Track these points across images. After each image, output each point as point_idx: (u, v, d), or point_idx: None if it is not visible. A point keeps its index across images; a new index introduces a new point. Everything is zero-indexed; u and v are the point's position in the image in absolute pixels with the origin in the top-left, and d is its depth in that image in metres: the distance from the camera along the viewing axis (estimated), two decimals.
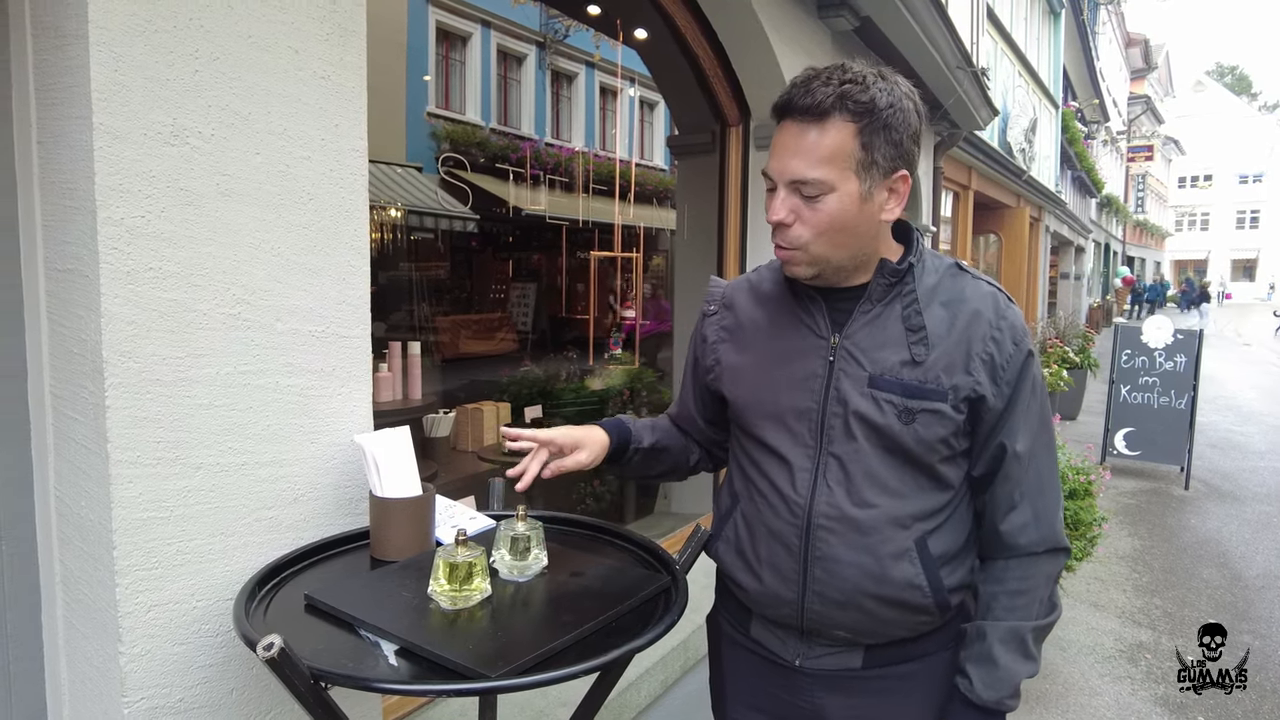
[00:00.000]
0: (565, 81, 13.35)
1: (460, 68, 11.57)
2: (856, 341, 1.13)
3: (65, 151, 1.17)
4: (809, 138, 1.05)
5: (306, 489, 1.42)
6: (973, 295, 1.13)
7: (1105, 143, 23.60)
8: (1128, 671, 3.32)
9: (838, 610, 1.15)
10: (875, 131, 1.04)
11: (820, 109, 1.03)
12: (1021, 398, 1.12)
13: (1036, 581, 1.16)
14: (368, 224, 1.50)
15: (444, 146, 10.69)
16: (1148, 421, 6.55)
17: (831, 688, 1.19)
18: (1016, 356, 1.11)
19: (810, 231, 1.08)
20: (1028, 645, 1.14)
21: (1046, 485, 1.17)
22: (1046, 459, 1.17)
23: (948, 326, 1.11)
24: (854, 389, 1.12)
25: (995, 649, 1.13)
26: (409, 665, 0.99)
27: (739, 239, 3.76)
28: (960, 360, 1.10)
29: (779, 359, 1.19)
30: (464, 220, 10.16)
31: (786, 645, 1.22)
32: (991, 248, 13.37)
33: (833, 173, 1.04)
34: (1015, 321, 1.13)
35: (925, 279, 1.15)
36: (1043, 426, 1.17)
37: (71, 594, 1.31)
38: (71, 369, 1.22)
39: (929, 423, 1.09)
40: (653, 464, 1.37)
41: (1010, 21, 11.07)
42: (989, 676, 1.13)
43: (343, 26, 1.43)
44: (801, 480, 1.15)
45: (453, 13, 11.24)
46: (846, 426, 1.12)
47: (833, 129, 1.04)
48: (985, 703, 1.13)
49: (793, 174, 1.06)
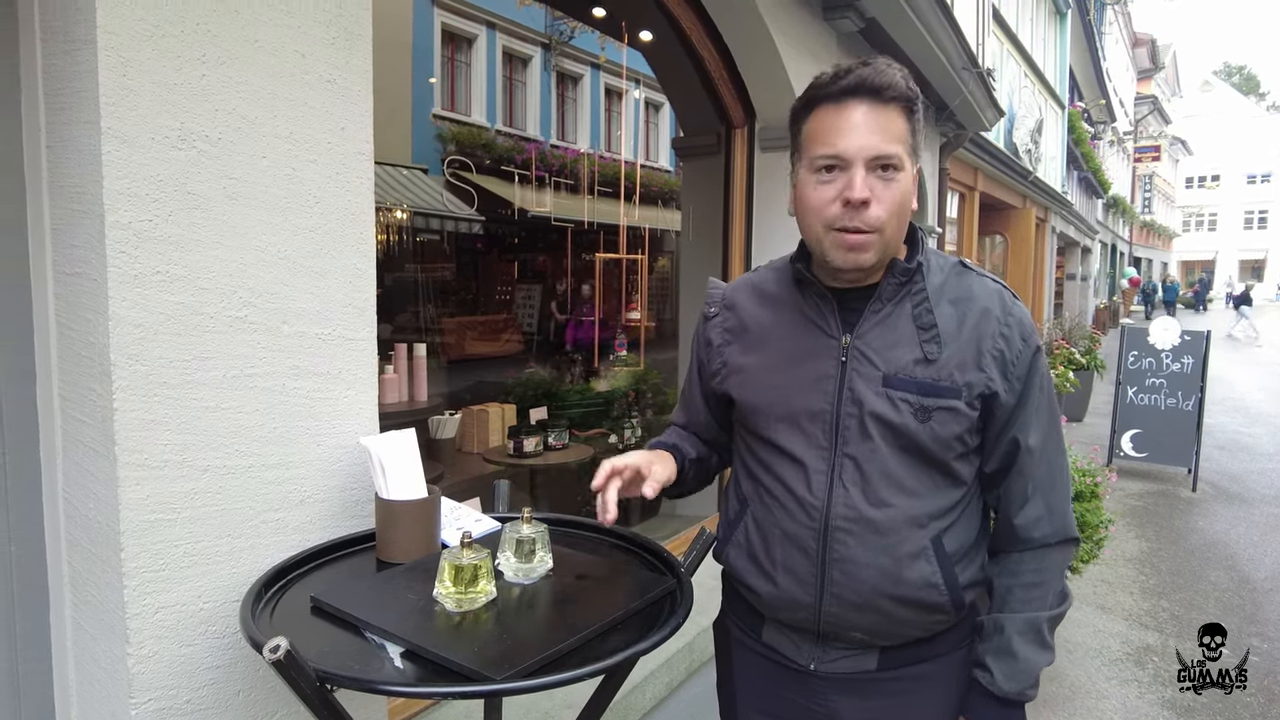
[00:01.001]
0: (570, 83, 13.37)
1: (466, 69, 11.60)
2: (869, 341, 1.13)
3: (73, 156, 1.18)
4: (883, 116, 1.07)
5: (313, 491, 1.42)
6: (980, 293, 1.14)
7: (1112, 143, 23.52)
8: (1134, 674, 3.30)
9: (855, 612, 1.14)
10: (916, 120, 1.11)
11: (891, 91, 1.07)
12: (1032, 393, 1.14)
13: (1050, 573, 1.17)
14: (373, 227, 1.51)
15: (449, 148, 10.72)
16: (1155, 423, 6.52)
17: (846, 691, 1.19)
18: (1025, 352, 1.12)
19: (886, 211, 1.07)
20: (1044, 635, 1.16)
21: (1057, 478, 1.18)
22: (1056, 452, 1.19)
23: (957, 324, 1.12)
24: (869, 389, 1.12)
25: (1014, 641, 1.14)
26: (414, 667, 0.99)
27: (744, 240, 3.76)
28: (972, 357, 1.11)
29: (789, 360, 1.18)
30: (469, 222, 10.18)
31: (801, 649, 1.21)
32: (997, 248, 13.33)
33: (903, 151, 1.08)
34: (1022, 318, 1.14)
35: (932, 277, 1.15)
36: (1051, 421, 1.18)
37: (79, 595, 1.31)
38: (79, 372, 1.23)
39: (945, 420, 1.10)
40: (700, 474, 1.37)
41: (1016, 22, 11.05)
42: (1010, 669, 1.14)
43: (348, 30, 1.43)
44: (817, 482, 1.14)
45: (458, 15, 11.27)
46: (862, 427, 1.12)
47: (894, 112, 1.08)
48: (1007, 694, 1.14)
49: (874, 149, 1.06)
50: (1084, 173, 17.83)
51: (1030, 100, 11.95)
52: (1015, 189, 11.73)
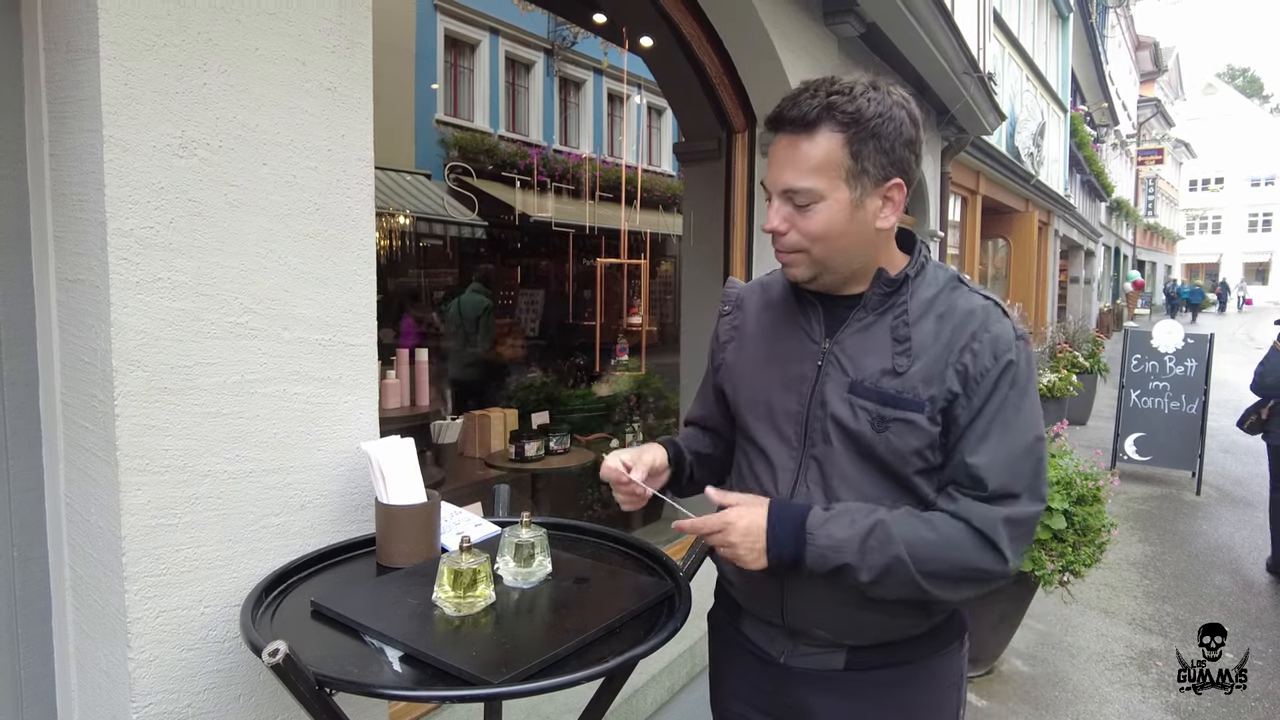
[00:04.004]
0: (573, 88, 13.39)
1: (469, 75, 11.63)
2: (845, 347, 1.15)
3: (76, 163, 1.19)
4: (799, 149, 1.08)
5: (313, 496, 1.43)
6: (963, 307, 1.12)
7: (1115, 146, 23.50)
8: (1138, 679, 3.29)
9: (813, 608, 1.17)
10: (864, 140, 1.07)
11: (807, 120, 1.07)
12: (988, 410, 1.08)
13: (953, 539, 1.06)
14: (374, 233, 1.51)
15: (452, 153, 10.74)
16: (1158, 426, 6.50)
17: (816, 688, 1.21)
18: (993, 370, 1.08)
19: (804, 238, 1.11)
20: (881, 553, 1.05)
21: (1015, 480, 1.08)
22: (1012, 476, 1.08)
23: (934, 339, 1.11)
24: (835, 394, 1.14)
25: (856, 516, 1.07)
26: (414, 672, 1.00)
27: (745, 245, 3.77)
28: (938, 371, 1.09)
29: (774, 360, 1.22)
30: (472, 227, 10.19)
31: (774, 642, 1.24)
32: (1000, 252, 13.32)
33: (822, 182, 1.07)
34: (1000, 334, 1.10)
35: (923, 291, 1.15)
36: (1016, 440, 1.08)
37: (81, 599, 1.32)
38: (82, 378, 1.24)
39: (901, 432, 1.09)
40: (707, 469, 1.36)
41: (1018, 26, 11.05)
42: (830, 531, 1.07)
43: (348, 38, 1.44)
44: (784, 480, 1.17)
45: (461, 20, 11.30)
46: (825, 430, 1.14)
47: (821, 139, 1.07)
48: (810, 532, 1.07)
49: (784, 184, 1.10)
50: (1087, 176, 17.81)
51: (1032, 104, 11.95)
52: (1018, 192, 11.72)
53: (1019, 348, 1.10)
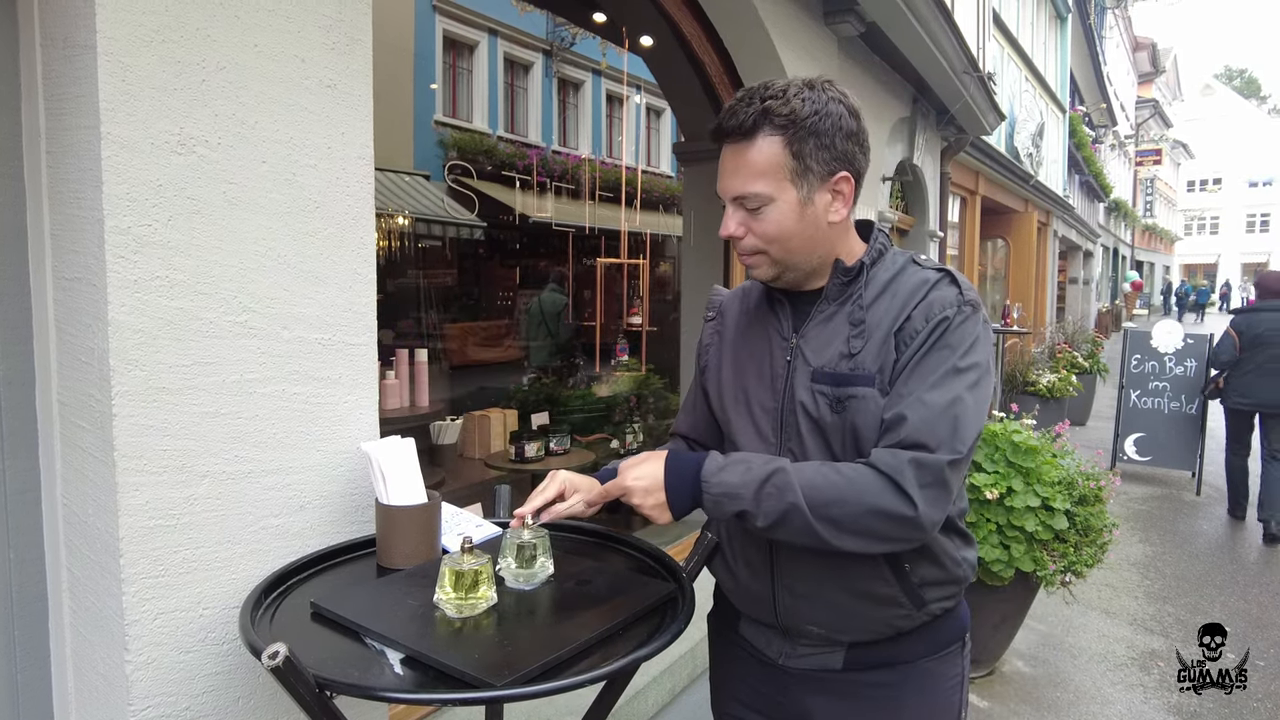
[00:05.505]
0: (572, 89, 13.40)
1: (468, 76, 11.63)
2: (809, 340, 1.18)
3: (73, 161, 1.18)
4: (743, 156, 1.12)
5: (313, 497, 1.42)
6: (912, 282, 1.14)
7: (1113, 147, 23.52)
8: (1140, 679, 3.28)
9: (806, 604, 1.18)
10: (803, 139, 1.09)
11: (745, 128, 1.10)
12: (910, 365, 1.07)
13: (858, 483, 1.03)
14: (374, 232, 1.50)
15: (451, 154, 10.74)
16: (1158, 427, 6.50)
17: (815, 689, 1.21)
18: (924, 331, 1.08)
19: (760, 240, 1.14)
20: (770, 495, 1.05)
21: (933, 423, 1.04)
22: (935, 419, 1.04)
23: (884, 315, 1.13)
24: (801, 384, 1.16)
25: (754, 464, 1.08)
26: (415, 674, 0.99)
27: None
28: (886, 344, 1.11)
29: (750, 360, 1.24)
30: (471, 228, 10.19)
31: (771, 644, 1.26)
32: (999, 252, 13.32)
33: (769, 185, 1.11)
34: (937, 298, 1.10)
35: (881, 275, 1.17)
36: (937, 396, 1.05)
37: (78, 601, 1.31)
38: (79, 377, 1.23)
39: (858, 409, 1.11)
40: None
41: (1017, 26, 11.06)
42: (721, 467, 1.09)
43: (349, 35, 1.43)
44: None
45: (460, 21, 11.30)
46: (795, 422, 1.16)
47: (762, 144, 1.10)
48: (705, 480, 1.09)
49: (734, 191, 1.14)
50: (1085, 176, 17.83)
51: (1031, 104, 11.95)
52: (1017, 193, 11.73)
53: (958, 308, 1.09)
